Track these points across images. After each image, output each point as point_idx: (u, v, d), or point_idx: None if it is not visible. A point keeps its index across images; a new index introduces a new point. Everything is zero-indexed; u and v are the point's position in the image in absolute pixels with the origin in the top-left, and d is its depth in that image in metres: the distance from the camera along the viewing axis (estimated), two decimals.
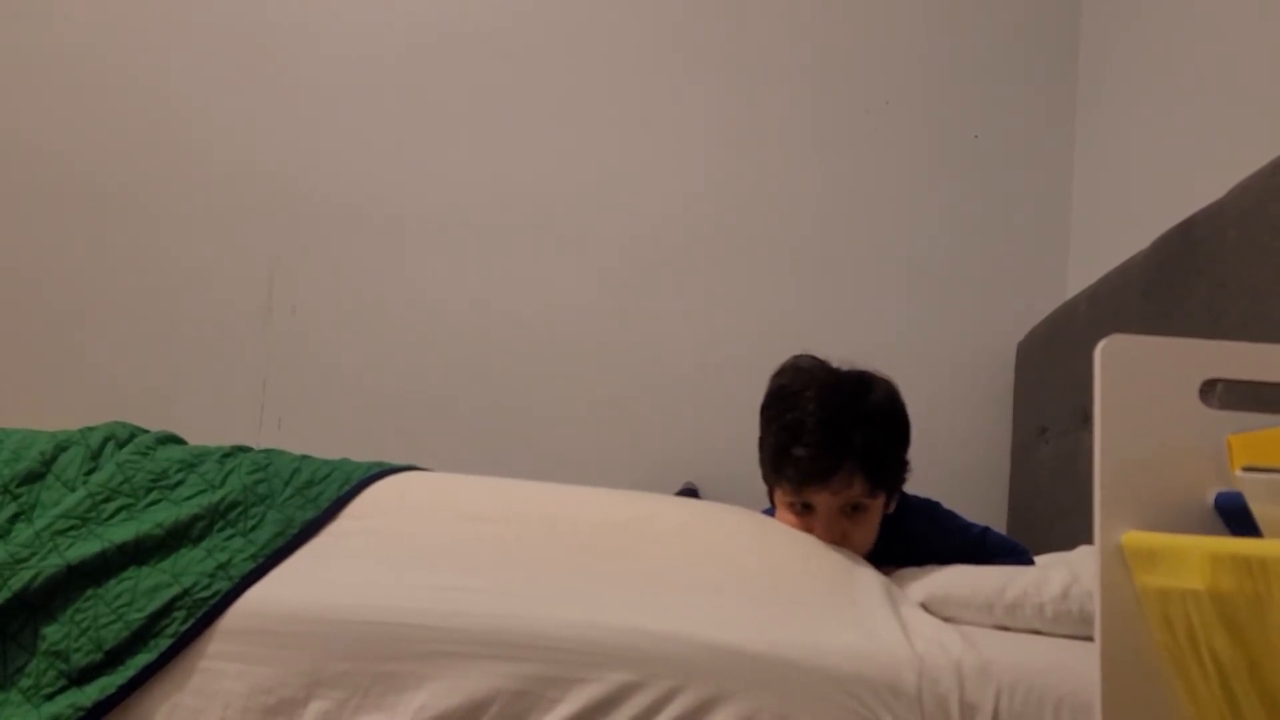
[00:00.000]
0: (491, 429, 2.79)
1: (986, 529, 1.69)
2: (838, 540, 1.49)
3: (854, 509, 1.52)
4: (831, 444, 1.48)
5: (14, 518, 1.30)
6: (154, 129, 2.92)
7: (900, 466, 1.58)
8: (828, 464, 1.48)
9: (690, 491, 2.32)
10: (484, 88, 2.91)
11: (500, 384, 2.82)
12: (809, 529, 1.51)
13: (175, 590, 1.20)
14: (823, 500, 1.50)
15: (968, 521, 1.70)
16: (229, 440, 1.54)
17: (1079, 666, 1.10)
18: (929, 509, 1.71)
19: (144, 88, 2.93)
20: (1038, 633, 1.24)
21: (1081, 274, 2.55)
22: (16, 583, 1.20)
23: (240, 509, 1.33)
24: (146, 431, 1.50)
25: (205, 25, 2.94)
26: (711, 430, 2.70)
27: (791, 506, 1.54)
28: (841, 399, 1.53)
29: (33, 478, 1.35)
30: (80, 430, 1.44)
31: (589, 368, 2.82)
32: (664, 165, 2.90)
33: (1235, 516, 0.85)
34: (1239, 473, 0.81)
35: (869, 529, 1.54)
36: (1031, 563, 1.56)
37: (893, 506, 1.60)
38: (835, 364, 1.60)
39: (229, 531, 1.30)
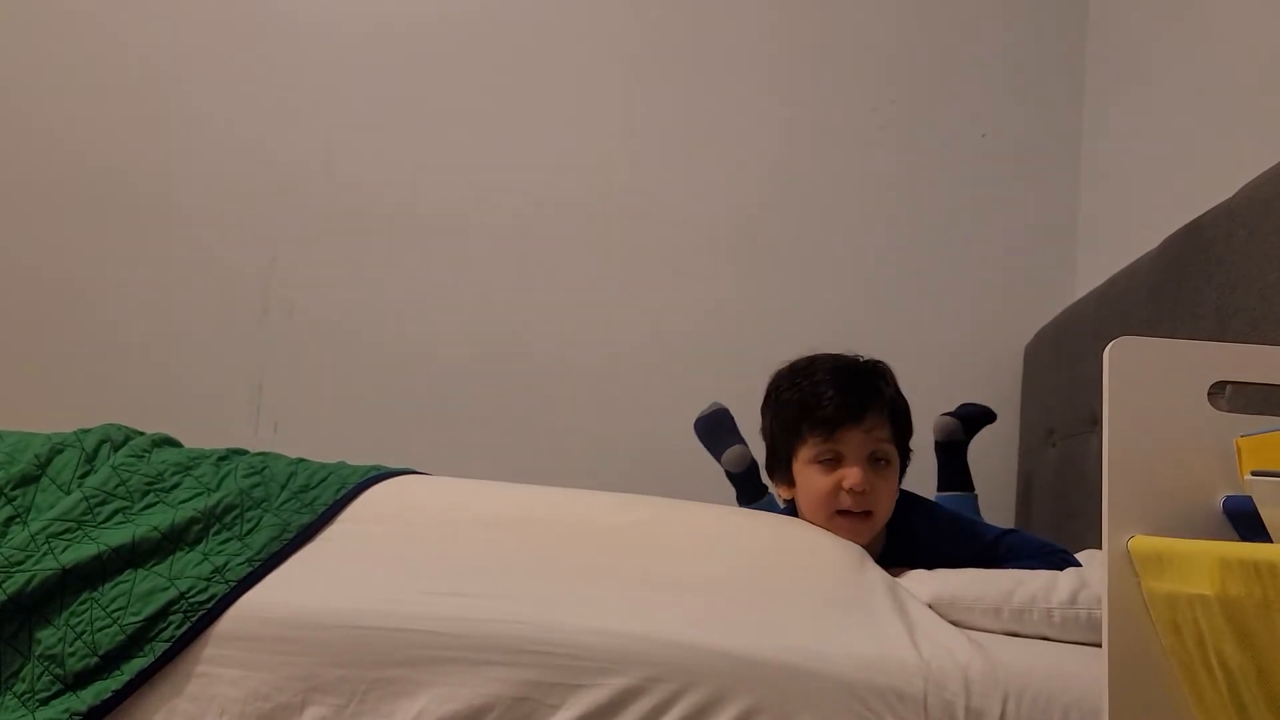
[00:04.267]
0: (489, 431, 2.78)
1: (1006, 533, 1.66)
2: (868, 489, 1.52)
3: (877, 461, 1.55)
4: (859, 389, 1.56)
5: (9, 521, 1.30)
6: (150, 128, 2.91)
7: (908, 441, 1.64)
8: (859, 403, 1.54)
9: (718, 415, 2.26)
10: (483, 87, 2.90)
11: (498, 386, 2.81)
12: (836, 485, 1.53)
13: (171, 594, 1.20)
14: (855, 441, 1.53)
15: (987, 526, 1.68)
16: (224, 443, 1.53)
17: (1087, 672, 1.09)
18: (943, 514, 1.71)
19: (140, 86, 2.92)
20: (1046, 639, 1.23)
21: (1089, 275, 2.53)
22: (11, 586, 1.20)
23: (236, 513, 1.33)
24: (142, 434, 1.50)
25: (203, 24, 2.93)
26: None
27: (818, 462, 1.56)
28: (855, 366, 1.61)
29: (27, 480, 1.35)
30: (75, 433, 1.44)
31: (589, 369, 2.81)
32: (666, 165, 2.89)
33: (1244, 521, 0.84)
34: (1248, 476, 0.81)
35: (892, 487, 1.58)
36: (1064, 562, 1.54)
37: (899, 483, 1.62)
38: None
39: (225, 535, 1.29)
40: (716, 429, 2.21)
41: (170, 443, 1.50)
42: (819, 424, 1.55)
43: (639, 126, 2.90)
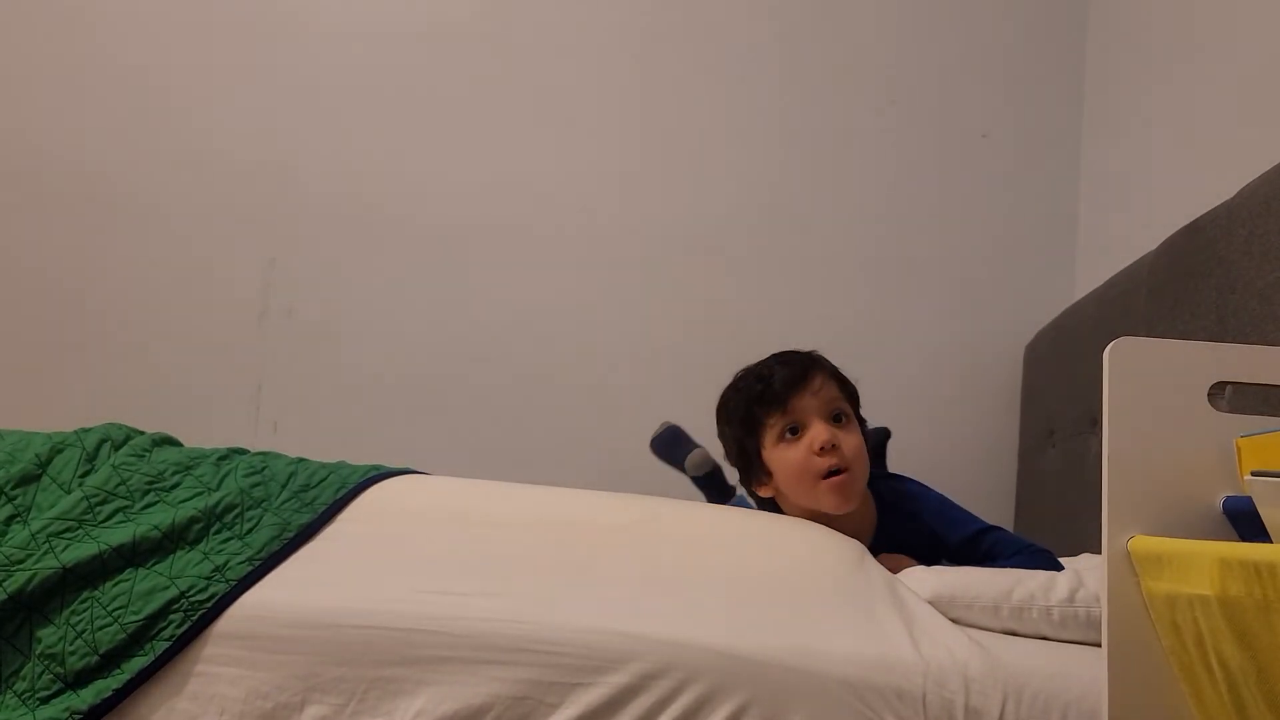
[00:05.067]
0: (489, 431, 2.78)
1: (991, 528, 1.67)
2: (837, 442, 1.57)
3: (838, 419, 1.62)
4: (798, 361, 1.65)
5: (9, 520, 1.29)
6: (148, 129, 2.90)
7: (858, 407, 1.69)
8: (802, 370, 1.62)
9: (672, 431, 2.29)
10: (482, 86, 2.90)
11: (498, 386, 2.81)
12: (806, 450, 1.57)
13: (172, 593, 1.19)
14: (809, 406, 1.60)
15: (973, 516, 1.69)
16: (224, 443, 1.53)
17: (1086, 672, 1.09)
18: (934, 497, 1.73)
19: (139, 87, 2.92)
20: (1045, 637, 1.23)
21: (1089, 275, 2.53)
22: (12, 585, 1.20)
23: (236, 512, 1.32)
24: (142, 433, 1.49)
25: (201, 24, 2.93)
26: (713, 431, 2.68)
27: (782, 439, 1.61)
28: (788, 350, 1.70)
29: (28, 480, 1.34)
30: (75, 432, 1.44)
31: (588, 369, 2.81)
32: (666, 165, 2.89)
33: (1244, 521, 0.84)
34: (1248, 477, 0.81)
35: (859, 440, 1.62)
36: (1050, 560, 1.55)
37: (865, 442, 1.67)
38: None
39: (225, 535, 1.29)
40: (673, 443, 2.25)
41: (171, 442, 1.50)
42: (772, 401, 1.61)
43: (638, 128, 2.90)
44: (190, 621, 1.17)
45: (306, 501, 1.36)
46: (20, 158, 2.90)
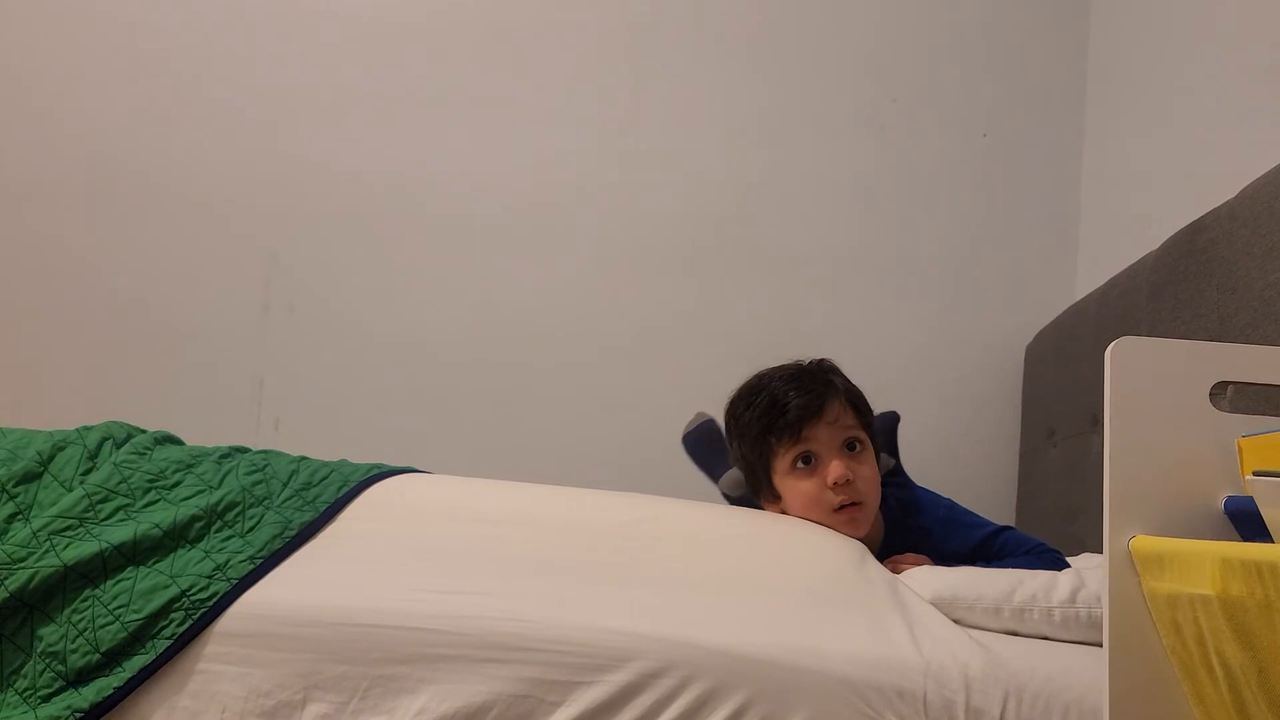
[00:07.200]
0: (491, 430, 2.78)
1: (1002, 529, 1.67)
2: (850, 475, 1.53)
3: (852, 447, 1.58)
4: (813, 385, 1.59)
5: (11, 518, 1.29)
6: (151, 123, 2.89)
7: (872, 425, 1.66)
8: (818, 398, 1.57)
9: (705, 427, 2.25)
10: (485, 83, 2.90)
11: (501, 384, 2.80)
12: (820, 484, 1.54)
13: (173, 591, 1.20)
14: (823, 436, 1.56)
15: (983, 520, 1.69)
16: (225, 440, 1.53)
17: (1087, 672, 1.09)
18: (942, 505, 1.72)
19: (142, 81, 2.91)
20: (1046, 638, 1.23)
21: (1090, 276, 2.54)
22: (13, 583, 1.20)
23: (238, 510, 1.33)
24: (144, 431, 1.49)
25: (204, 19, 2.92)
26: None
27: (795, 468, 1.57)
28: (801, 367, 1.65)
29: (30, 477, 1.34)
30: (77, 430, 1.44)
31: (590, 367, 2.81)
32: (666, 164, 2.88)
33: (1246, 521, 0.84)
34: (1249, 477, 0.81)
35: (873, 469, 1.60)
36: (1057, 562, 1.55)
37: (879, 461, 1.65)
38: None
39: (227, 533, 1.29)
40: (707, 443, 2.19)
41: (172, 440, 1.50)
42: (785, 429, 1.56)
43: (637, 126, 2.90)
44: (191, 620, 1.17)
45: (308, 500, 1.36)
46: (20, 153, 2.90)
